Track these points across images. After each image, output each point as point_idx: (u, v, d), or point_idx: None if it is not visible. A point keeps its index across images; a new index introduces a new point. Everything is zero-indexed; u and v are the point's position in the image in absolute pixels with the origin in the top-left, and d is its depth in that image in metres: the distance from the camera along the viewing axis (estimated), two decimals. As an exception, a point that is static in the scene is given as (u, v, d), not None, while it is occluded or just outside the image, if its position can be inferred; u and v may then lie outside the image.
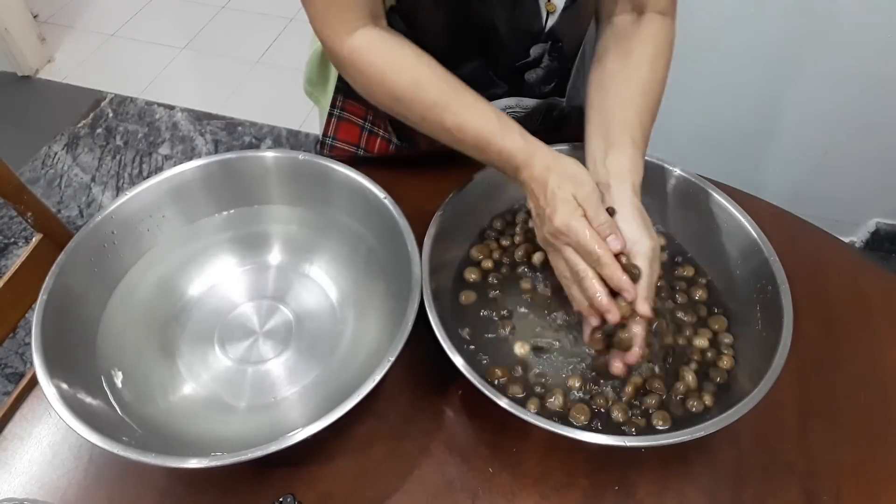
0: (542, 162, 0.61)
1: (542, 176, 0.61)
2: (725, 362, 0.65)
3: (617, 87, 0.69)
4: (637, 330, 0.58)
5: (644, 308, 0.58)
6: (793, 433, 0.66)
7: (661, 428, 0.61)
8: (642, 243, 0.60)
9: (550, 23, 0.72)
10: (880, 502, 0.62)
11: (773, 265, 0.66)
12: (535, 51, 0.75)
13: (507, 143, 0.62)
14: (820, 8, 1.35)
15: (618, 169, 0.64)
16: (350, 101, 0.86)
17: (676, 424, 0.61)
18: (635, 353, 0.59)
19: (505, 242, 0.75)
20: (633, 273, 0.58)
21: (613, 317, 0.58)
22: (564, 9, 0.71)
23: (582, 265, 0.58)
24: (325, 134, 0.89)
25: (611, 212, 0.61)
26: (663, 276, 0.66)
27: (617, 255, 0.58)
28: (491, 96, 0.79)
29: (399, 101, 0.66)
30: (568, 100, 0.84)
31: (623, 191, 0.62)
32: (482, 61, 0.75)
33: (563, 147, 0.76)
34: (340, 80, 0.84)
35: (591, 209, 0.59)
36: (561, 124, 0.88)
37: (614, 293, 0.58)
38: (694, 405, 0.62)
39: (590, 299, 0.59)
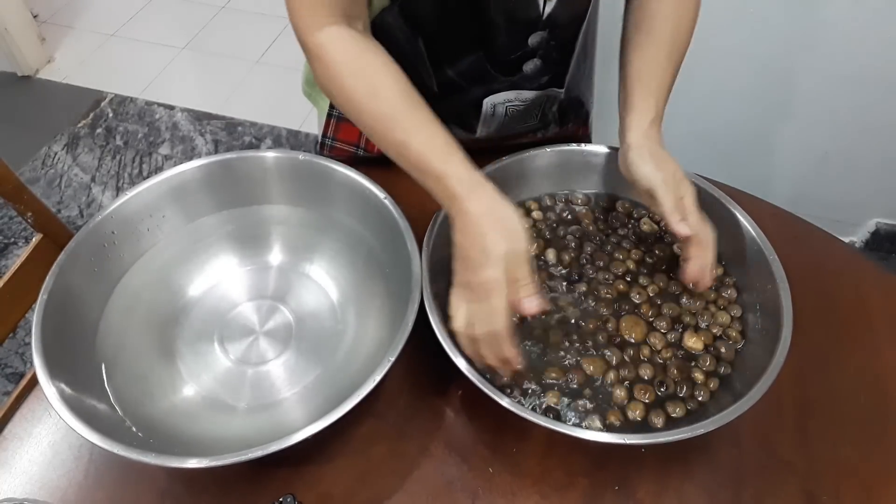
0: (479, 205, 0.58)
1: (478, 222, 0.58)
2: (725, 360, 0.65)
3: (641, 40, 0.72)
4: (697, 255, 0.64)
5: (682, 228, 0.63)
6: (793, 433, 0.66)
7: (660, 427, 0.61)
8: (654, 177, 0.65)
9: (548, 10, 0.72)
10: (880, 502, 0.62)
11: (773, 265, 0.67)
12: (533, 40, 0.75)
13: (449, 170, 0.59)
14: (820, 9, 1.35)
15: (631, 118, 0.68)
16: None
17: (676, 423, 0.61)
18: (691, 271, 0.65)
19: None
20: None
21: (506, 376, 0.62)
22: None
23: (482, 329, 0.57)
24: (324, 134, 0.89)
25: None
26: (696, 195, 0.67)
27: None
28: (490, 90, 0.79)
29: (353, 106, 0.65)
30: (567, 91, 0.84)
31: (635, 137, 0.68)
32: (481, 54, 0.75)
33: (555, 148, 0.78)
34: None
35: (519, 270, 0.56)
36: (560, 118, 0.88)
37: None
38: (695, 402, 0.62)
39: (483, 357, 0.59)
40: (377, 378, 0.57)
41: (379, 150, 0.88)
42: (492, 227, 0.57)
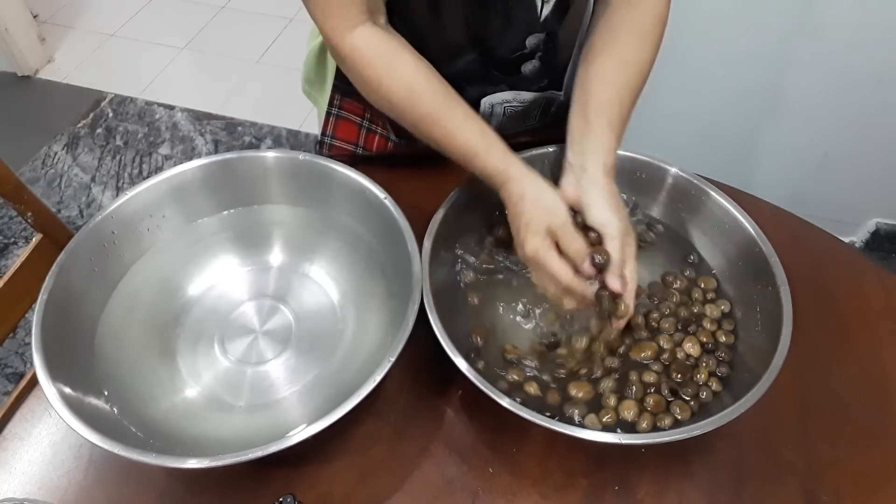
0: (517, 188, 0.64)
1: (517, 203, 0.64)
2: (725, 360, 0.65)
3: (600, 64, 0.70)
4: (623, 307, 0.63)
5: (615, 284, 0.62)
6: (793, 433, 0.66)
7: (661, 426, 0.61)
8: (611, 224, 0.63)
9: (546, 12, 0.72)
10: (880, 502, 0.62)
11: (773, 265, 0.67)
12: (531, 41, 0.75)
13: (489, 163, 0.65)
14: (820, 8, 1.35)
15: (591, 150, 0.67)
16: (348, 99, 0.86)
17: (675, 423, 0.61)
18: (617, 326, 0.64)
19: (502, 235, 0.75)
20: (600, 263, 0.62)
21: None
22: None
23: (552, 290, 0.64)
24: (323, 133, 0.89)
25: (594, 240, 0.64)
26: (638, 247, 0.67)
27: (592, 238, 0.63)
28: (488, 89, 0.79)
29: (393, 106, 0.68)
30: (565, 93, 0.84)
31: (594, 172, 0.65)
32: (478, 54, 0.75)
33: (557, 148, 0.76)
34: (338, 78, 0.84)
35: (565, 239, 0.62)
36: (559, 119, 0.88)
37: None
38: (698, 403, 0.62)
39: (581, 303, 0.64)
40: (377, 378, 0.57)
41: (378, 147, 0.88)
42: (531, 208, 0.63)
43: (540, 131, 0.89)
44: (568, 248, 0.62)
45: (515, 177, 0.65)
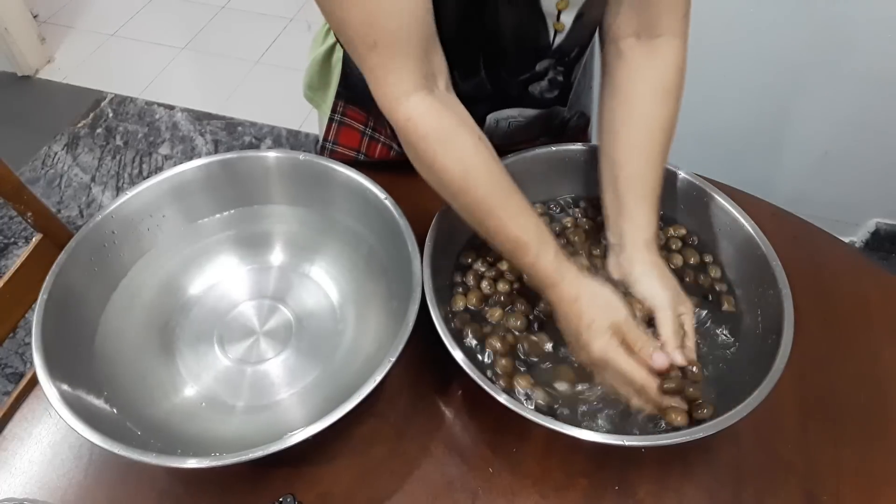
0: (571, 289, 0.61)
1: (572, 305, 0.60)
2: (725, 361, 0.65)
3: (626, 134, 0.68)
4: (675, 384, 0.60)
5: (678, 358, 0.59)
6: (793, 433, 0.66)
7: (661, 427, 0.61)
8: (660, 296, 0.61)
9: (558, 41, 0.72)
10: (880, 502, 0.62)
11: (774, 266, 0.66)
12: (540, 65, 0.74)
13: (541, 261, 0.61)
14: (820, 8, 1.35)
15: (630, 230, 0.65)
16: (351, 106, 0.86)
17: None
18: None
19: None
20: (676, 378, 0.59)
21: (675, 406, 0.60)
22: (572, 25, 0.70)
23: (624, 389, 0.60)
24: (325, 139, 0.89)
25: (645, 313, 0.62)
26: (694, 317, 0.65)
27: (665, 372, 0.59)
28: (494, 106, 0.79)
29: (445, 186, 0.63)
30: (569, 108, 0.84)
31: (637, 251, 0.64)
32: (488, 76, 0.75)
33: (558, 147, 0.77)
34: (341, 85, 0.84)
35: (630, 333, 0.59)
36: (561, 130, 0.88)
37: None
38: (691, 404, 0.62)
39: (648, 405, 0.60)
40: (378, 378, 0.57)
41: (380, 155, 0.88)
42: (589, 306, 0.60)
43: (541, 139, 0.89)
44: (634, 344, 0.59)
45: (568, 277, 0.61)
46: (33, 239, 0.92)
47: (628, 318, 0.60)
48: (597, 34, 0.76)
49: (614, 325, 0.59)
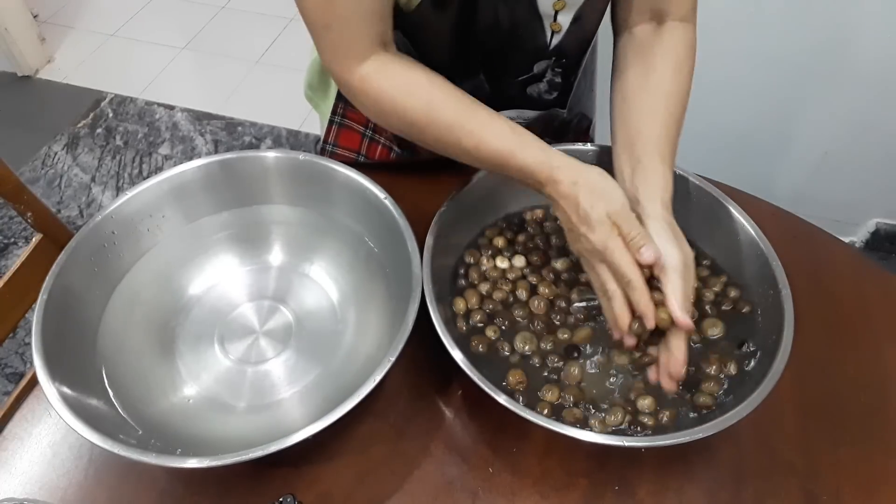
0: (567, 177, 0.60)
1: (570, 193, 0.59)
2: (725, 361, 0.65)
3: (641, 101, 0.68)
4: (677, 343, 0.58)
5: (684, 318, 0.57)
6: (793, 433, 0.66)
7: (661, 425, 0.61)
8: (672, 255, 0.60)
9: (555, 41, 0.72)
10: (880, 502, 0.62)
11: (774, 266, 0.66)
12: (538, 67, 0.74)
13: (528, 159, 0.61)
14: (820, 8, 1.35)
15: (646, 186, 0.64)
16: (351, 108, 0.86)
17: (677, 425, 0.61)
18: (679, 369, 0.58)
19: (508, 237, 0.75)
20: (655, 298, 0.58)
21: (630, 341, 0.59)
22: (569, 27, 0.71)
23: (612, 286, 0.59)
24: (325, 140, 0.89)
25: (648, 276, 0.60)
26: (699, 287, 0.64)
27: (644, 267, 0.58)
28: (493, 108, 0.79)
29: (413, 125, 0.65)
30: (569, 110, 0.84)
31: (654, 208, 0.62)
32: (486, 78, 0.75)
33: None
34: None
35: (626, 224, 0.58)
36: (561, 133, 0.88)
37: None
38: (696, 404, 0.62)
39: (614, 318, 0.59)
40: (377, 378, 0.57)
41: (380, 157, 0.88)
42: (585, 195, 0.59)
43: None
44: (629, 234, 0.57)
45: (560, 165, 0.60)
46: (33, 239, 0.92)
47: (625, 206, 0.59)
48: (596, 36, 0.76)
49: (612, 214, 0.58)
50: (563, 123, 0.86)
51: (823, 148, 1.61)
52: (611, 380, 0.64)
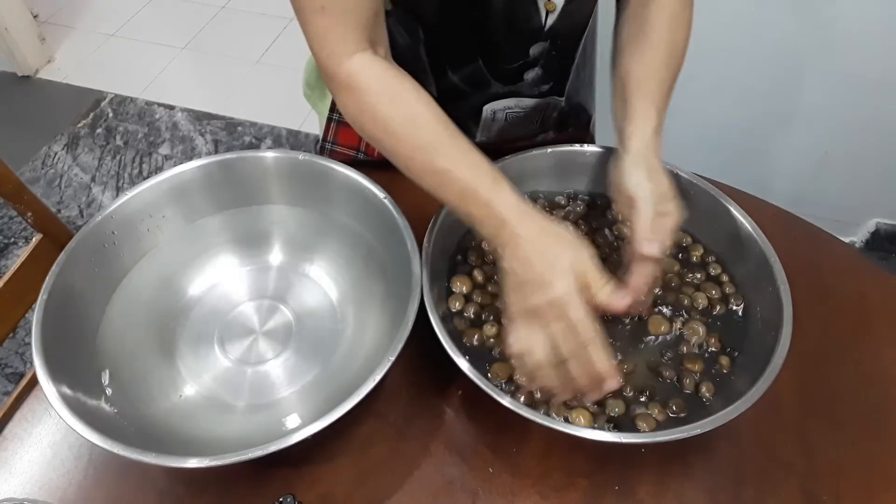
0: (532, 227, 0.57)
1: (536, 240, 0.56)
2: (724, 360, 0.66)
3: (632, 50, 0.69)
4: (644, 271, 0.59)
5: (648, 248, 0.57)
6: (793, 433, 0.66)
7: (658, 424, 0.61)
8: (644, 188, 0.61)
9: (550, 21, 0.72)
10: (880, 502, 0.62)
11: (773, 265, 0.66)
12: (534, 50, 0.75)
13: (499, 197, 0.58)
14: (820, 8, 1.35)
15: (631, 123, 0.65)
16: None
17: (674, 423, 0.61)
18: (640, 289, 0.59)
19: None
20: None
21: (595, 395, 0.57)
22: (564, 6, 0.71)
23: (570, 345, 0.54)
24: (324, 138, 0.89)
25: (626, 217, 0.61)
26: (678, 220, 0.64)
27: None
28: (490, 97, 0.79)
29: (390, 135, 0.62)
30: (567, 99, 0.84)
31: (633, 144, 0.63)
32: (482, 63, 0.75)
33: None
34: None
35: (592, 273, 0.55)
36: (560, 124, 0.88)
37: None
38: (691, 402, 0.62)
39: (574, 380, 0.56)
40: (377, 378, 0.57)
41: (379, 153, 0.88)
42: (550, 244, 0.56)
43: (540, 136, 0.89)
44: (594, 284, 0.55)
45: (530, 212, 0.57)
46: (33, 239, 0.92)
47: (591, 257, 0.56)
48: (596, 26, 0.76)
49: (575, 265, 0.55)
50: (562, 115, 0.86)
51: (823, 148, 1.61)
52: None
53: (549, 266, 0.55)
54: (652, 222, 0.60)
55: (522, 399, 0.62)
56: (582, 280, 0.54)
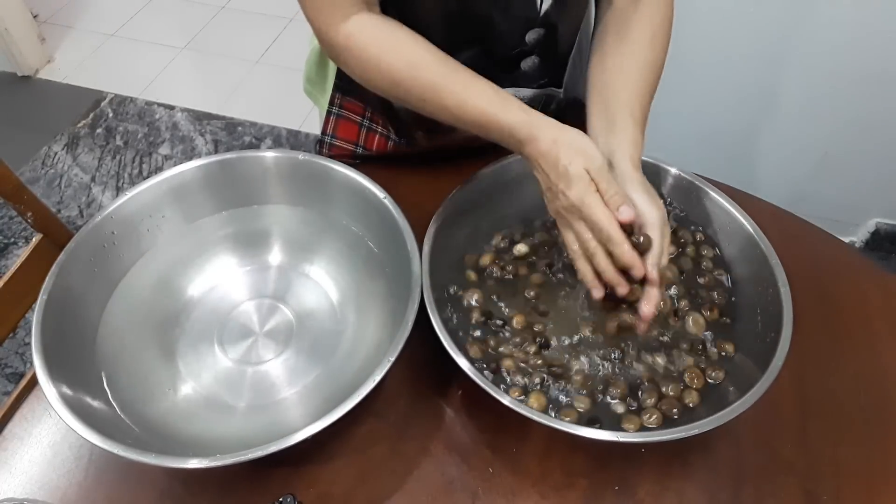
0: (548, 135, 0.61)
1: (550, 150, 0.60)
2: (724, 360, 0.66)
3: (616, 65, 0.70)
4: (652, 294, 0.60)
5: (654, 274, 0.59)
6: (793, 433, 0.66)
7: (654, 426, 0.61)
8: (650, 213, 0.61)
9: (545, 6, 0.72)
10: (880, 502, 0.62)
11: (774, 266, 0.67)
12: (530, 37, 0.75)
13: (510, 118, 0.62)
14: (821, 9, 1.35)
15: (619, 146, 0.65)
16: (348, 98, 0.86)
17: (674, 423, 0.61)
18: (647, 310, 0.60)
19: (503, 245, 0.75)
20: (640, 244, 0.59)
21: (623, 289, 0.60)
22: None
23: (593, 242, 0.60)
24: (324, 132, 0.89)
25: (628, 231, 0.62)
26: (672, 244, 0.67)
27: (625, 226, 0.59)
28: None
29: (397, 84, 0.66)
30: (565, 91, 0.83)
31: (627, 167, 0.64)
32: (478, 50, 0.75)
33: None
34: (339, 77, 0.84)
35: (603, 182, 0.59)
36: (559, 118, 0.88)
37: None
38: (691, 402, 0.62)
39: (601, 273, 0.60)
40: (377, 378, 0.57)
41: (378, 147, 0.88)
42: (564, 152, 0.60)
43: None
44: (606, 192, 0.59)
45: (541, 124, 0.61)
46: (33, 239, 0.92)
47: (603, 165, 0.60)
48: (593, 15, 0.76)
49: (591, 171, 0.59)
50: (560, 108, 0.86)
51: (823, 148, 1.61)
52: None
53: (562, 175, 0.60)
54: (661, 251, 0.61)
55: (507, 382, 0.62)
56: (594, 184, 0.59)
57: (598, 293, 0.62)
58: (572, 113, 0.89)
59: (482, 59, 0.75)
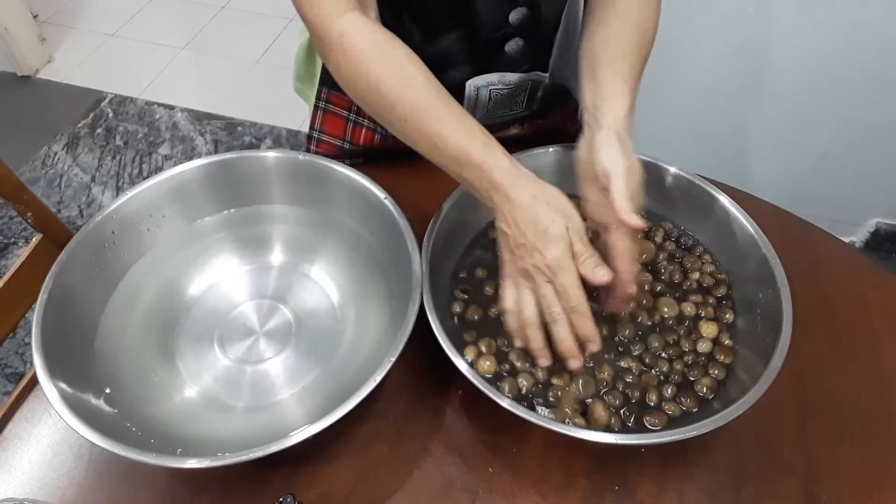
0: (528, 190, 0.59)
1: (530, 207, 0.58)
2: (725, 360, 0.66)
3: (602, 29, 0.70)
4: (626, 243, 0.60)
5: (632, 218, 0.58)
6: (793, 433, 0.66)
7: (656, 428, 0.61)
8: (617, 162, 0.60)
9: None
10: (880, 502, 0.62)
11: (773, 266, 0.67)
12: (514, 16, 0.73)
13: (490, 159, 0.60)
14: (820, 7, 1.35)
15: (603, 101, 0.64)
16: (335, 92, 0.85)
17: (674, 423, 0.61)
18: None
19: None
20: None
21: (576, 363, 0.60)
22: None
23: (557, 308, 0.58)
24: (311, 127, 0.89)
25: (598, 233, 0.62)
26: (644, 205, 0.65)
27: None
28: (473, 71, 0.78)
29: (382, 98, 0.63)
30: (551, 76, 0.83)
31: (607, 120, 0.63)
32: (462, 32, 0.74)
33: (557, 148, 0.77)
34: (325, 71, 0.83)
35: (579, 243, 0.58)
36: (545, 104, 0.87)
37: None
38: (690, 403, 0.62)
39: (559, 342, 0.59)
40: (377, 378, 0.57)
41: (364, 141, 0.87)
42: (544, 210, 0.58)
43: (528, 119, 0.89)
44: (581, 255, 0.57)
45: (522, 176, 0.59)
46: (33, 239, 0.92)
47: (582, 226, 0.59)
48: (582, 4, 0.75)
49: (569, 230, 0.58)
50: (546, 94, 0.85)
51: (823, 148, 1.61)
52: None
53: (541, 233, 0.57)
54: (630, 197, 0.60)
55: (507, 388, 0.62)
56: (573, 248, 0.57)
57: (545, 362, 0.61)
58: (558, 100, 0.88)
59: (467, 41, 0.74)
